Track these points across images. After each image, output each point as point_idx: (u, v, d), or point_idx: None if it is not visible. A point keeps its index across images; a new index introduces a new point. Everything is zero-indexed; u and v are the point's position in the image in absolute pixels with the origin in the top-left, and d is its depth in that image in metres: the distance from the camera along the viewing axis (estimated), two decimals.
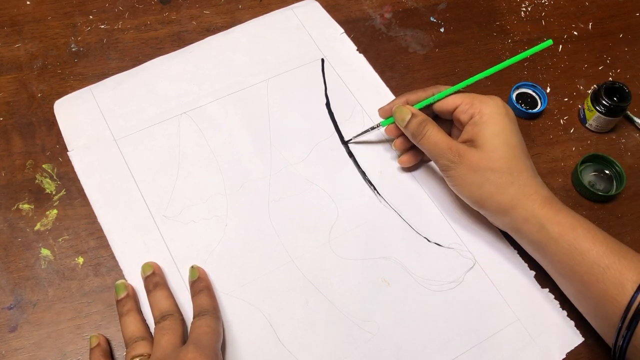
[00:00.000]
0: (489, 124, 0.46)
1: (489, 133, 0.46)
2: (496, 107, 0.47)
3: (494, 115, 0.46)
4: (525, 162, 0.46)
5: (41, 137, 0.54)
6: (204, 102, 0.56)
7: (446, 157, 0.47)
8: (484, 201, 0.46)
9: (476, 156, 0.46)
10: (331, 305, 0.47)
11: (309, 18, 0.63)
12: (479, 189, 0.46)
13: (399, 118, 0.50)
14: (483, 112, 0.47)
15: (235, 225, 0.50)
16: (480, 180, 0.46)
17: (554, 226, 0.44)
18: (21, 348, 0.45)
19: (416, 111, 0.49)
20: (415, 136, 0.49)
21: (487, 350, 0.46)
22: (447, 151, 0.46)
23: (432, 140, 0.47)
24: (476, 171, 0.46)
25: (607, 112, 0.56)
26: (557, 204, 0.45)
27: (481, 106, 0.47)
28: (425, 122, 0.48)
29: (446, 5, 0.66)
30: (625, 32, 0.66)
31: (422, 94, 0.51)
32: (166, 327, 0.42)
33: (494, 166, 0.45)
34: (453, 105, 0.49)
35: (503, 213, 0.46)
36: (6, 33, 0.60)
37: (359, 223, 0.51)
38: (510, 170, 0.45)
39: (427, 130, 0.48)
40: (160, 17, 0.62)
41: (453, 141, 0.47)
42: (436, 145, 0.47)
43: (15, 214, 0.50)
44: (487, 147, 0.46)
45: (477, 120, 0.47)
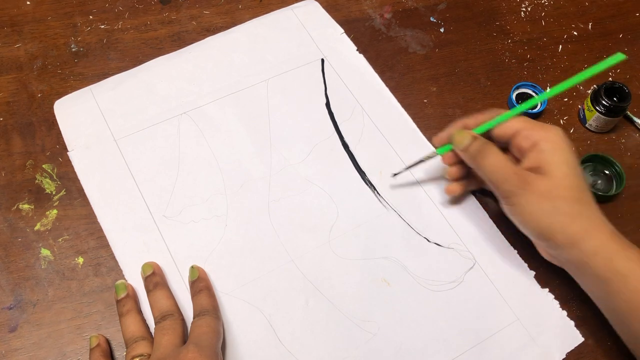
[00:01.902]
0: (556, 151, 0.44)
1: (558, 160, 0.44)
2: (559, 136, 0.45)
3: (561, 143, 0.44)
4: (590, 193, 0.44)
5: (41, 137, 0.54)
6: (204, 102, 0.56)
7: (512, 183, 0.44)
8: (553, 232, 0.43)
9: (545, 183, 0.43)
10: (331, 305, 0.47)
11: (309, 18, 0.63)
12: (548, 217, 0.43)
13: (458, 141, 0.47)
14: (547, 139, 0.44)
15: (235, 225, 0.50)
16: (550, 209, 0.43)
17: (623, 261, 0.41)
18: (21, 348, 0.45)
19: (477, 135, 0.47)
20: (476, 159, 0.46)
21: (487, 350, 0.46)
22: (513, 176, 0.43)
23: (496, 164, 0.44)
24: (546, 199, 0.43)
25: (607, 112, 0.56)
26: (624, 239, 0.43)
27: (545, 134, 0.45)
28: (488, 145, 0.46)
29: (446, 5, 0.66)
30: (625, 32, 0.66)
31: (481, 118, 0.48)
32: (166, 327, 0.42)
33: (566, 195, 0.43)
34: (512, 130, 0.46)
35: (571, 245, 0.43)
36: (6, 33, 0.60)
37: (359, 223, 0.51)
38: (580, 200, 0.43)
39: (490, 153, 0.45)
40: (160, 17, 0.62)
41: (518, 167, 0.44)
42: (501, 170, 0.44)
43: (15, 214, 0.50)
44: (557, 175, 0.43)
45: (543, 147, 0.44)
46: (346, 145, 0.55)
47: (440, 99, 0.60)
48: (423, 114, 0.58)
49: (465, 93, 0.60)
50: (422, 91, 0.60)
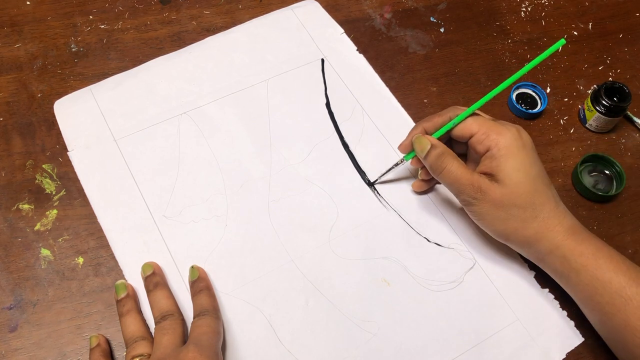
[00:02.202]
0: (508, 158, 0.45)
1: (509, 167, 0.45)
2: (513, 139, 0.45)
3: (512, 147, 0.45)
4: (547, 192, 0.45)
5: (41, 137, 0.54)
6: (204, 102, 0.56)
7: (467, 194, 0.45)
8: (508, 235, 0.46)
9: (498, 192, 0.44)
10: (331, 305, 0.47)
11: (309, 18, 0.63)
12: (503, 224, 0.45)
13: (418, 149, 0.48)
14: (500, 145, 0.45)
15: (235, 225, 0.50)
16: (504, 215, 0.45)
17: (576, 257, 0.44)
18: (21, 348, 0.45)
19: (436, 142, 0.47)
20: (434, 170, 0.47)
21: (487, 350, 0.46)
22: (469, 187, 0.45)
23: (452, 175, 0.46)
24: (499, 207, 0.44)
25: (607, 112, 0.56)
26: (581, 233, 0.45)
27: (498, 138, 0.45)
28: (445, 154, 0.46)
29: (446, 5, 0.66)
30: (625, 32, 0.66)
31: (439, 120, 0.49)
32: (166, 327, 0.42)
33: (518, 202, 0.44)
34: (469, 133, 0.47)
35: (527, 246, 0.46)
36: (6, 33, 0.60)
37: (359, 223, 0.51)
38: (533, 205, 0.44)
39: (446, 164, 0.46)
40: (160, 17, 0.62)
41: (474, 175, 0.45)
42: (457, 181, 0.45)
43: (15, 214, 0.50)
44: (509, 182, 0.44)
45: (495, 153, 0.45)
46: (346, 145, 0.55)
47: (440, 99, 0.60)
48: (423, 114, 0.58)
49: (465, 93, 0.60)
50: (422, 91, 0.60)
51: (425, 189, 0.52)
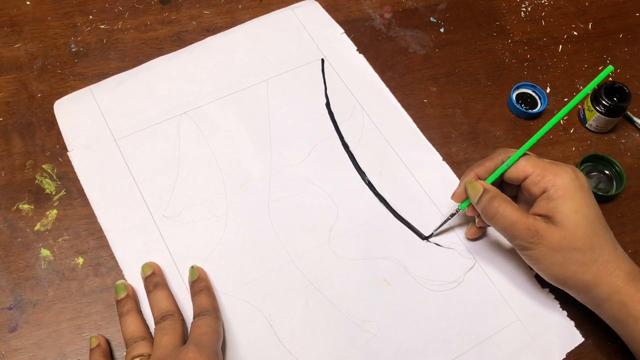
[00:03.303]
0: (566, 199, 0.43)
1: (568, 209, 0.43)
2: (570, 180, 0.44)
3: (570, 189, 0.43)
4: (605, 235, 0.44)
5: (41, 137, 0.54)
6: (204, 102, 0.56)
7: (523, 238, 0.43)
8: (566, 280, 0.44)
9: (556, 235, 0.43)
10: (331, 305, 0.47)
11: (309, 18, 0.63)
12: (561, 268, 0.43)
13: (471, 194, 0.46)
14: (558, 186, 0.43)
15: (235, 225, 0.50)
16: (563, 259, 0.43)
17: (635, 304, 0.42)
18: (21, 348, 0.45)
19: (488, 186, 0.46)
20: (486, 214, 0.45)
21: (487, 350, 0.46)
22: (524, 231, 0.43)
23: (506, 219, 0.44)
24: (558, 251, 0.43)
25: (607, 112, 0.56)
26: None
27: (554, 179, 0.44)
28: (497, 198, 0.45)
29: (446, 5, 0.66)
30: (625, 32, 0.66)
31: (490, 164, 0.47)
32: (166, 327, 0.42)
33: (577, 245, 0.43)
34: (523, 175, 0.45)
35: (585, 291, 0.44)
36: (6, 33, 0.60)
37: (359, 223, 0.51)
38: (592, 248, 0.43)
39: (499, 207, 0.44)
40: (160, 17, 0.62)
41: (529, 218, 0.44)
42: (511, 225, 0.44)
43: (15, 214, 0.50)
44: (567, 225, 0.43)
45: (552, 194, 0.44)
46: (346, 145, 0.55)
47: (440, 99, 0.60)
48: (423, 114, 0.58)
49: (465, 93, 0.60)
50: (422, 91, 0.60)
51: (479, 235, 0.51)
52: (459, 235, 0.51)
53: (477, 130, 0.58)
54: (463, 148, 0.57)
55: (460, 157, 0.56)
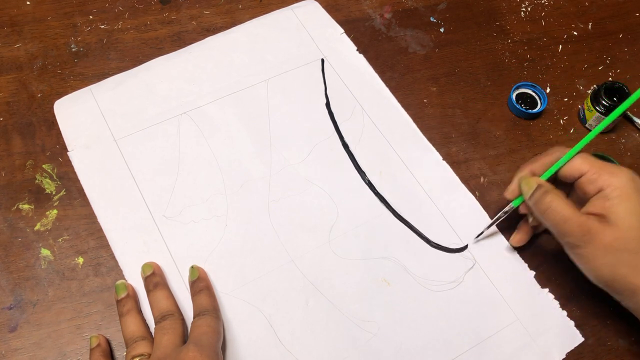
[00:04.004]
0: (622, 200, 0.42)
1: (624, 210, 0.42)
2: (628, 181, 0.43)
3: (627, 189, 0.42)
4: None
5: (41, 137, 0.54)
6: (204, 102, 0.56)
7: (574, 236, 0.42)
8: (614, 282, 0.42)
9: (610, 235, 0.41)
10: (331, 305, 0.47)
11: (309, 18, 0.63)
12: (610, 269, 0.42)
13: (525, 189, 0.45)
14: (614, 186, 0.42)
15: (235, 225, 0.50)
16: (613, 261, 0.42)
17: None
18: (21, 348, 0.45)
19: (542, 181, 0.45)
20: (538, 208, 0.44)
21: (487, 350, 0.46)
22: (577, 229, 0.42)
23: (559, 214, 0.43)
24: (609, 252, 0.41)
25: (607, 112, 0.56)
26: None
27: (611, 179, 0.43)
28: (550, 193, 0.44)
29: (446, 5, 0.66)
30: (625, 32, 0.66)
31: (546, 160, 0.46)
32: (166, 327, 0.42)
33: (630, 247, 0.41)
34: (578, 172, 0.44)
35: (632, 294, 0.42)
36: (6, 33, 0.60)
37: (359, 223, 0.51)
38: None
39: (551, 202, 0.43)
40: (160, 17, 0.62)
41: (582, 216, 0.42)
42: (563, 221, 0.43)
43: (15, 214, 0.50)
44: (622, 226, 0.42)
45: (609, 194, 0.42)
46: (346, 145, 0.55)
47: (440, 99, 0.60)
48: (423, 114, 0.58)
49: (465, 93, 0.60)
50: (422, 91, 0.60)
51: (524, 242, 0.50)
52: (459, 235, 0.51)
53: (477, 130, 0.58)
54: (463, 148, 0.57)
55: (460, 157, 0.56)
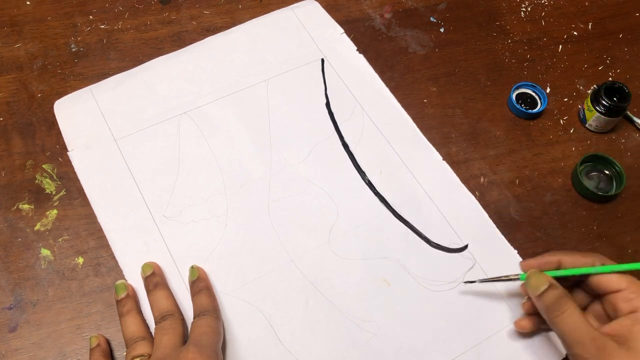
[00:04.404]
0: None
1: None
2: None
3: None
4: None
5: (41, 137, 0.54)
6: (204, 102, 0.56)
7: (586, 349, 0.38)
8: None
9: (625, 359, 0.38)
10: (331, 305, 0.47)
11: (309, 18, 0.63)
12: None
13: (533, 285, 0.43)
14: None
15: (235, 225, 0.50)
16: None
17: None
18: (21, 348, 0.45)
19: (555, 283, 0.42)
20: (549, 311, 0.41)
21: (487, 351, 0.46)
22: (590, 343, 0.38)
23: (571, 324, 0.40)
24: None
25: (607, 112, 0.56)
26: None
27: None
28: (565, 298, 0.41)
29: (446, 5, 0.66)
30: (625, 32, 0.66)
31: (580, 260, 0.43)
32: (166, 327, 0.42)
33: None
34: (615, 287, 0.41)
35: None
36: (6, 33, 0.60)
37: (359, 223, 0.51)
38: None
39: (567, 308, 0.40)
40: (160, 17, 0.62)
41: (597, 331, 0.39)
42: (576, 332, 0.39)
43: (15, 214, 0.50)
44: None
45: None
46: (346, 145, 0.55)
47: (440, 99, 0.60)
48: (423, 114, 0.58)
49: (465, 93, 0.60)
50: (422, 91, 0.60)
51: (530, 329, 0.46)
52: (459, 235, 0.51)
53: (477, 130, 0.58)
54: (463, 148, 0.57)
55: (460, 157, 0.56)
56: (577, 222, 0.53)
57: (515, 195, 0.54)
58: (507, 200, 0.54)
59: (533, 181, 0.55)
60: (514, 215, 0.53)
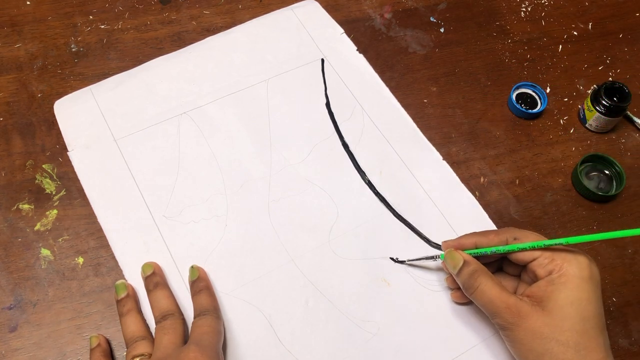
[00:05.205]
0: (566, 287, 0.40)
1: (563, 298, 0.39)
2: (579, 270, 0.40)
3: (575, 278, 0.40)
4: (598, 339, 0.39)
5: (41, 137, 0.54)
6: (204, 102, 0.56)
7: (502, 317, 0.41)
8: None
9: (540, 321, 0.39)
10: (331, 305, 0.47)
11: (309, 18, 0.63)
12: (537, 358, 0.39)
13: (450, 264, 0.45)
14: (563, 272, 0.40)
15: (235, 225, 0.50)
16: (541, 349, 0.39)
17: None
18: (21, 348, 0.45)
19: (469, 258, 0.44)
20: (466, 288, 0.43)
21: (487, 351, 0.46)
22: (505, 310, 0.40)
23: (486, 296, 0.41)
24: (537, 338, 0.39)
25: (607, 112, 0.56)
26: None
27: (563, 264, 0.41)
28: (478, 272, 0.43)
29: (446, 5, 0.66)
30: (625, 32, 0.66)
31: (495, 239, 0.44)
32: (167, 327, 0.42)
33: (560, 337, 0.39)
34: (530, 257, 0.43)
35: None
36: (6, 33, 0.60)
37: (359, 223, 0.51)
38: (577, 347, 0.38)
39: (479, 283, 0.42)
40: (160, 17, 0.62)
41: (511, 297, 0.41)
42: (491, 303, 0.41)
43: (15, 214, 0.50)
44: (557, 314, 0.39)
45: (555, 279, 0.40)
46: (346, 145, 0.55)
47: (440, 99, 0.60)
48: (423, 114, 0.58)
49: (465, 93, 0.60)
50: (422, 91, 0.60)
51: (464, 300, 0.47)
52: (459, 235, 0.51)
53: (477, 130, 0.58)
54: (463, 148, 0.57)
55: (460, 157, 0.56)
56: (577, 222, 0.53)
57: (515, 195, 0.54)
58: (507, 200, 0.54)
59: (533, 181, 0.55)
60: (514, 215, 0.53)
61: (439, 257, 0.48)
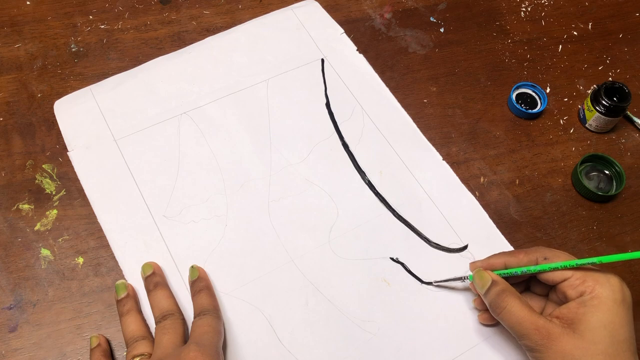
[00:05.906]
0: (598, 310, 0.39)
1: (596, 320, 0.39)
2: (612, 292, 0.39)
3: (608, 301, 0.39)
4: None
5: (41, 137, 0.54)
6: (204, 102, 0.56)
7: (531, 339, 0.40)
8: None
9: (571, 343, 0.38)
10: (331, 305, 0.47)
11: (309, 18, 0.63)
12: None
13: (478, 284, 0.44)
14: (596, 294, 0.40)
15: (235, 225, 0.50)
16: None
17: None
18: (21, 348, 0.45)
19: (498, 278, 0.43)
20: (493, 309, 0.42)
21: (487, 350, 0.46)
22: (534, 332, 0.40)
23: (514, 316, 0.41)
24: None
25: (606, 112, 0.56)
26: None
27: (595, 286, 0.40)
28: (506, 293, 0.42)
29: (446, 5, 0.66)
30: (625, 32, 0.66)
31: (524, 259, 0.44)
32: (167, 327, 0.42)
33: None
34: (561, 277, 0.42)
35: None
36: (6, 33, 0.60)
37: (359, 223, 0.51)
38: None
39: (507, 303, 0.41)
40: (160, 17, 0.62)
41: (541, 319, 0.40)
42: (519, 324, 0.40)
43: (15, 214, 0.50)
44: (588, 337, 0.38)
45: (586, 300, 0.40)
46: (346, 145, 0.55)
47: (440, 99, 0.60)
48: (423, 114, 0.58)
49: (465, 93, 0.60)
50: (422, 91, 0.60)
51: (492, 322, 0.46)
52: (459, 235, 0.51)
53: (477, 130, 0.58)
54: (463, 148, 0.57)
55: (460, 157, 0.56)
56: (577, 222, 0.54)
57: (515, 195, 0.54)
58: (507, 200, 0.54)
59: (533, 181, 0.55)
60: (514, 215, 0.53)
61: (467, 278, 0.47)
